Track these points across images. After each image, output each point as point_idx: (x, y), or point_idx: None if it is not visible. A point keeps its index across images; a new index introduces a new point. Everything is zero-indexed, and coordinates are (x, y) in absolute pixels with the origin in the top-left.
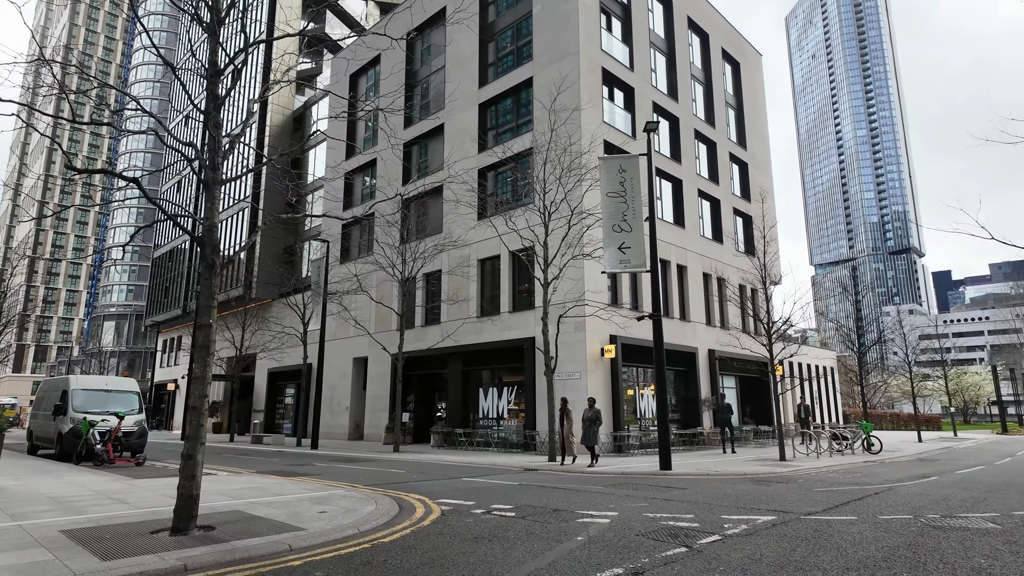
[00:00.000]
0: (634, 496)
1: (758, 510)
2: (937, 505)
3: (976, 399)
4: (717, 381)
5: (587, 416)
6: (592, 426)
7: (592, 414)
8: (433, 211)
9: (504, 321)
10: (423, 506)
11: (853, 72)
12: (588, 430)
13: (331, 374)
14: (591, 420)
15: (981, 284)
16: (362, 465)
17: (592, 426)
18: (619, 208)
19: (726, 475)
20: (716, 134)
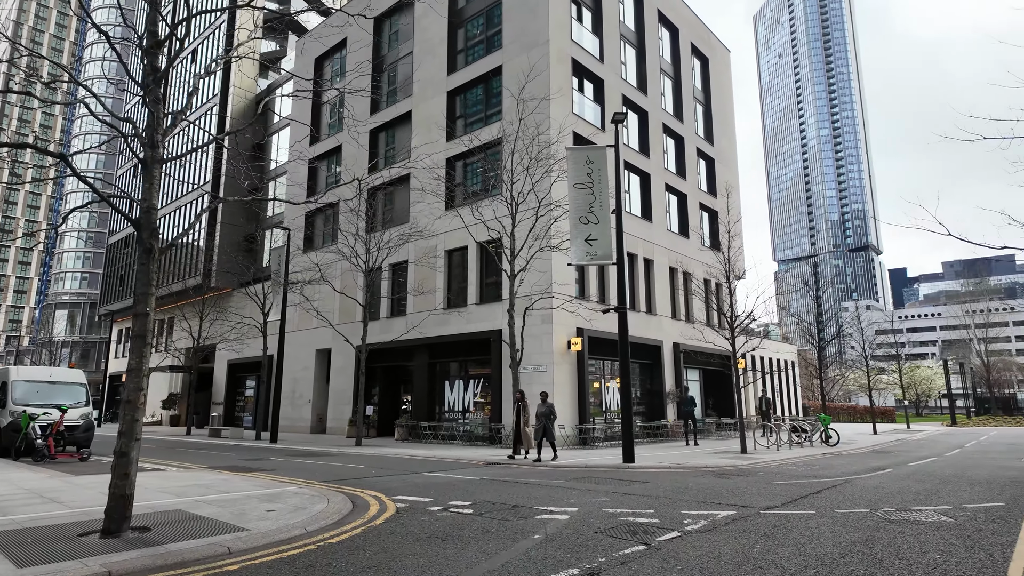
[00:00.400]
0: (595, 490)
1: (718, 504)
2: (892, 498)
3: (928, 392)
4: (681, 374)
5: (540, 411)
6: (547, 421)
7: (546, 409)
8: (400, 200)
9: (471, 313)
10: (378, 503)
11: (818, 72)
12: (541, 426)
13: (293, 366)
14: (545, 415)
15: (934, 281)
16: (321, 460)
17: (547, 421)
18: (586, 200)
19: (688, 468)
20: (684, 129)
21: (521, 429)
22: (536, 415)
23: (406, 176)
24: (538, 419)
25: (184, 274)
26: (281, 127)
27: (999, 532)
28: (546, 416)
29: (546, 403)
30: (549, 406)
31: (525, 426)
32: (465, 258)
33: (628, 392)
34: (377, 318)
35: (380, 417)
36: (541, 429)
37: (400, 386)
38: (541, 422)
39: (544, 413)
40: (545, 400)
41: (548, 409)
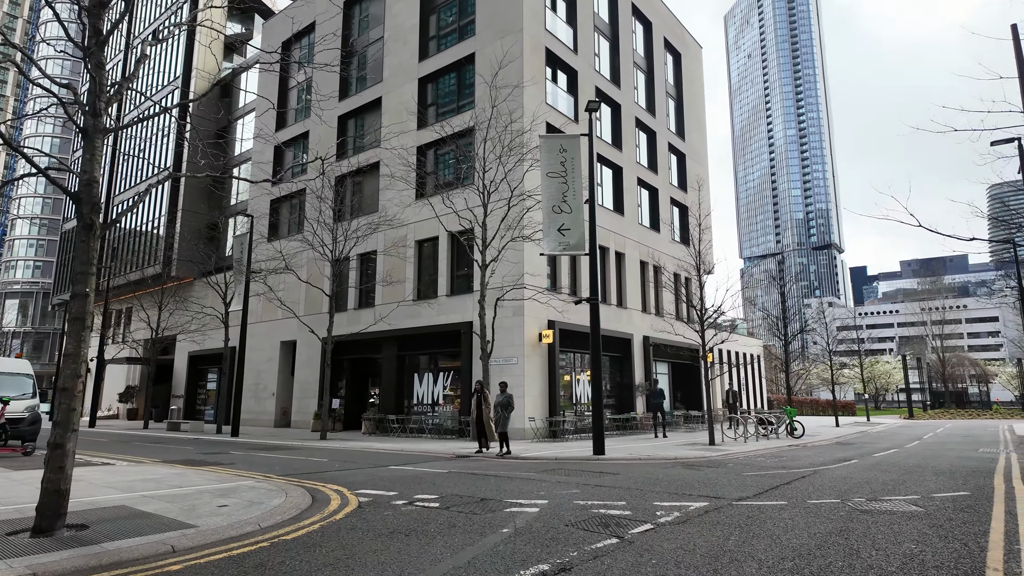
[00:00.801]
0: (566, 482)
1: (690, 496)
2: (861, 488)
3: (887, 386)
4: (651, 367)
5: (498, 401)
6: (503, 412)
7: (504, 399)
8: (369, 189)
9: (441, 305)
10: (339, 498)
11: (785, 73)
12: (499, 416)
13: (257, 358)
14: (502, 405)
15: (892, 280)
16: (283, 453)
17: (503, 412)
18: (559, 189)
19: (658, 460)
20: (656, 123)
21: (485, 422)
22: (494, 405)
23: (375, 164)
24: (495, 410)
25: (143, 263)
26: (246, 112)
27: (970, 522)
28: (503, 406)
29: (505, 393)
30: (508, 397)
31: (489, 420)
32: (436, 248)
33: (599, 384)
34: (344, 309)
35: (347, 411)
36: (502, 419)
37: (368, 379)
38: (499, 412)
39: (502, 403)
40: (504, 390)
41: (506, 400)
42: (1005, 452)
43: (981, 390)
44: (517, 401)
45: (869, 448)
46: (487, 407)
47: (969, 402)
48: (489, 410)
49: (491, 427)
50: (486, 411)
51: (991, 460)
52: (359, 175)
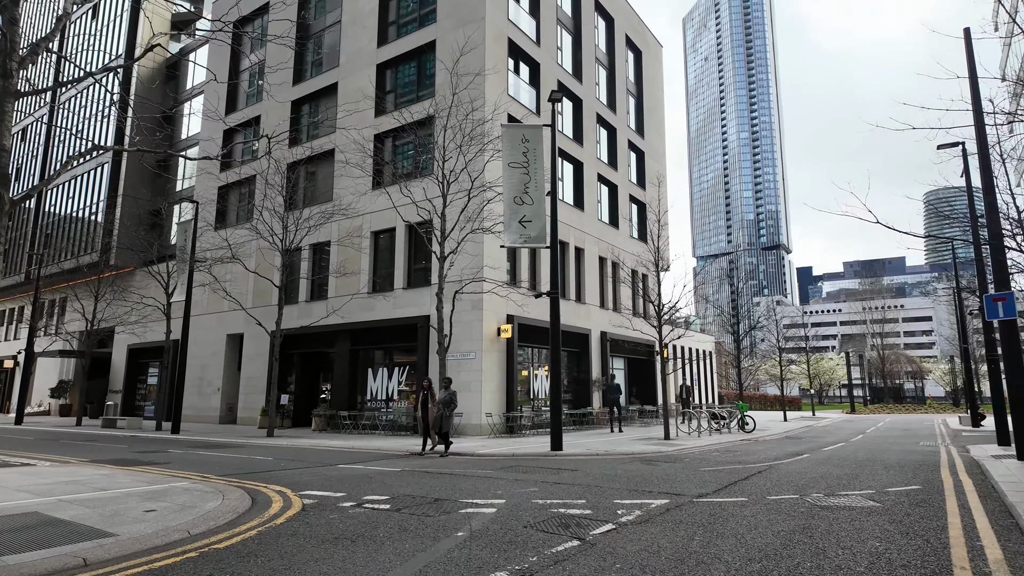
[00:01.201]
0: (524, 480)
1: (650, 493)
2: (817, 483)
3: (830, 382)
4: (608, 362)
5: (441, 399)
6: (445, 409)
7: (447, 396)
8: (323, 177)
9: (398, 298)
10: (282, 500)
11: (740, 77)
12: (440, 414)
13: (202, 352)
14: (444, 403)
15: (836, 280)
16: (225, 452)
17: (445, 409)
18: (521, 180)
19: (616, 455)
20: (617, 120)
21: (430, 420)
22: (437, 403)
23: (330, 151)
24: (437, 407)
25: (79, 250)
26: (194, 94)
27: (927, 516)
28: (445, 404)
29: (448, 390)
30: (451, 394)
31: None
32: (393, 240)
33: (558, 379)
34: (295, 302)
35: (297, 407)
36: (439, 418)
37: (319, 374)
38: (439, 410)
39: (444, 401)
40: (448, 387)
41: (449, 397)
42: (944, 446)
43: (916, 386)
44: (474, 397)
45: (818, 442)
46: (433, 404)
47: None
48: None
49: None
50: (432, 409)
51: (933, 453)
52: (313, 162)
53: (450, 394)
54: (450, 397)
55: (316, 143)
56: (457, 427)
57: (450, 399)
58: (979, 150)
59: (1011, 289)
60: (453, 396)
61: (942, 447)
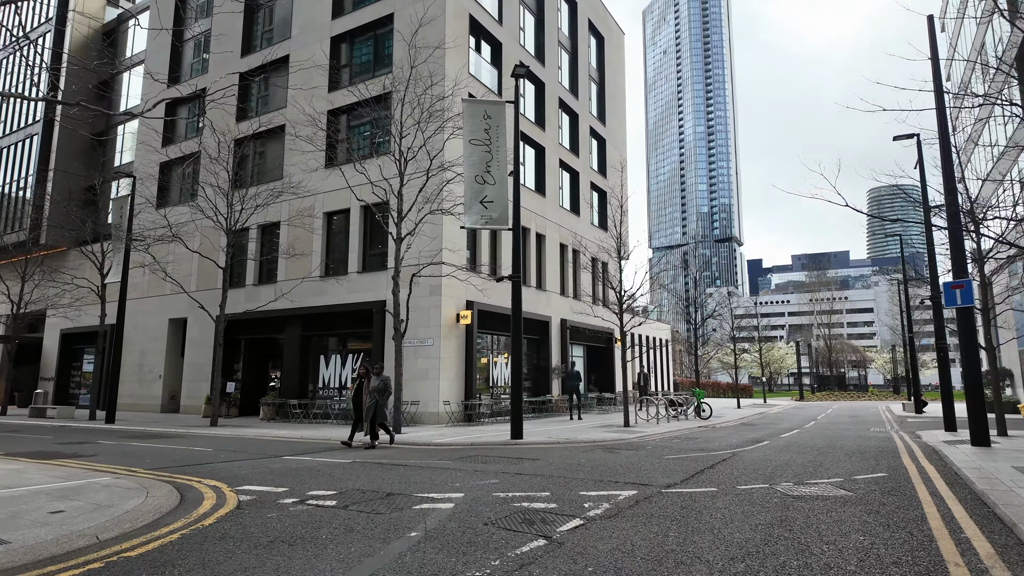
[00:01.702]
0: (483, 471)
1: (617, 483)
2: (784, 471)
3: (779, 370)
4: (567, 350)
5: (374, 387)
6: (380, 397)
7: (380, 383)
8: (273, 155)
9: (352, 282)
10: (215, 496)
11: (697, 71)
12: (375, 404)
13: (142, 337)
14: (379, 391)
15: (784, 272)
16: (162, 442)
17: (380, 397)
18: (482, 158)
19: (577, 443)
20: (579, 106)
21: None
22: (369, 391)
23: (281, 128)
24: (370, 395)
25: (4, 228)
26: (134, 64)
27: (903, 506)
28: (379, 392)
29: (381, 377)
30: (384, 380)
31: None
32: (347, 222)
33: (519, 366)
34: (243, 285)
35: (244, 395)
36: (373, 407)
37: (268, 361)
38: (372, 398)
39: (378, 389)
40: (380, 374)
41: (383, 384)
42: (895, 432)
43: (860, 374)
44: (431, 385)
45: (774, 429)
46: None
47: (849, 385)
48: None
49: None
50: (366, 398)
51: (888, 440)
52: (262, 139)
53: (383, 381)
54: (384, 384)
55: (265, 118)
56: (414, 415)
57: (384, 387)
58: (940, 132)
59: (969, 276)
60: (387, 383)
61: (894, 434)
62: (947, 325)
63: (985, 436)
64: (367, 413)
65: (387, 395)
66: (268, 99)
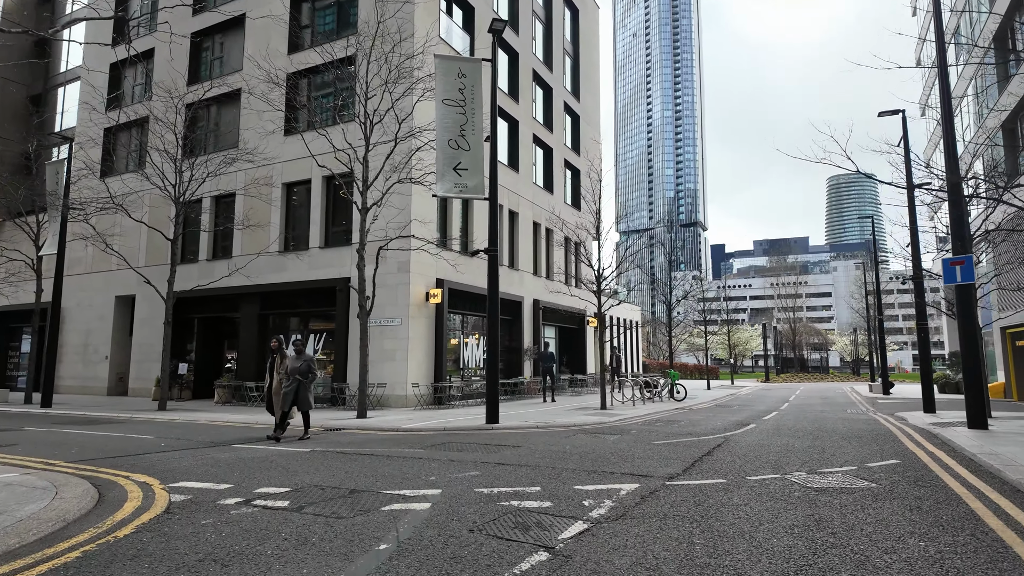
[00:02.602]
0: (461, 461)
1: (613, 475)
2: (788, 458)
3: (744, 352)
4: (540, 331)
5: (294, 367)
6: (303, 379)
7: (303, 364)
8: (228, 121)
9: (314, 258)
10: (142, 496)
11: (666, 56)
12: (290, 388)
13: (87, 315)
14: (300, 373)
15: (746, 257)
16: (99, 429)
17: (303, 379)
18: (457, 120)
19: (557, 427)
20: (553, 80)
21: (274, 392)
22: (287, 371)
23: (236, 93)
24: (289, 378)
25: None
26: (73, 21)
27: (942, 501)
28: (302, 374)
29: (303, 357)
30: (307, 361)
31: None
32: (308, 194)
33: (496, 346)
34: (195, 260)
35: (198, 377)
36: (292, 392)
37: (223, 341)
38: (292, 382)
39: (300, 371)
40: (301, 352)
41: (305, 365)
42: (876, 414)
43: (822, 356)
44: (399, 366)
45: (752, 411)
46: (282, 373)
47: (810, 367)
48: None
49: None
50: (277, 379)
51: (873, 422)
52: (217, 104)
53: (306, 361)
54: (307, 366)
55: (220, 81)
56: (380, 398)
57: (306, 368)
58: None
59: (971, 252)
60: (311, 363)
61: (877, 416)
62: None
63: (983, 419)
64: (284, 400)
65: (311, 379)
66: (223, 62)
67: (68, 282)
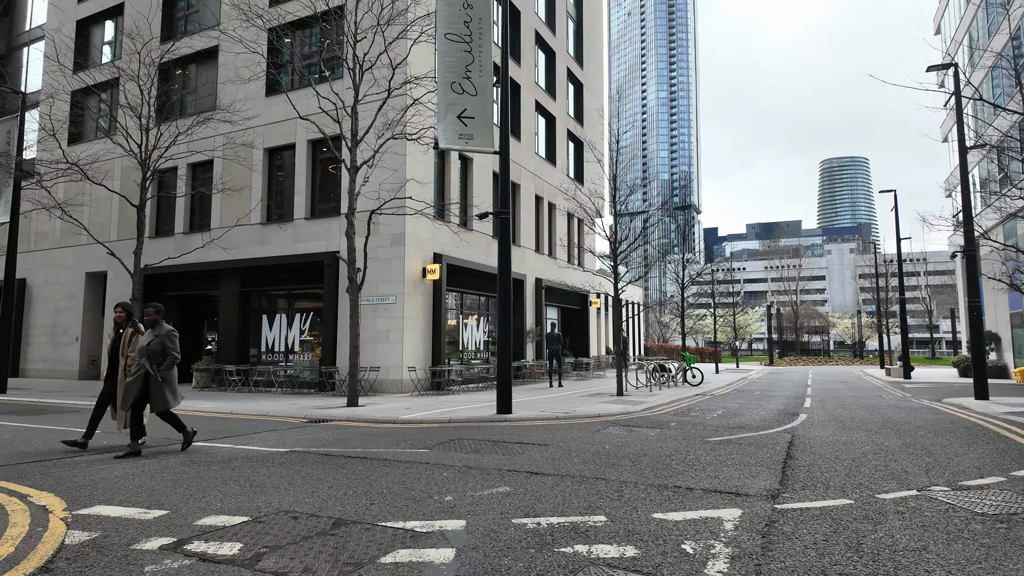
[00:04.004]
0: (482, 469)
1: (692, 492)
2: (897, 463)
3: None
4: (542, 311)
5: (144, 346)
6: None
7: (157, 342)
8: (205, 82)
9: (299, 229)
10: (26, 531)
11: (661, 35)
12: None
13: (55, 293)
14: (152, 354)
15: (738, 240)
16: (40, 421)
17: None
18: (462, 59)
19: (580, 418)
20: (556, 43)
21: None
22: (137, 350)
23: (213, 50)
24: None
25: None
26: None
27: None
28: (152, 357)
29: (159, 330)
30: (160, 337)
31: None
32: (292, 160)
33: (508, 324)
34: (171, 234)
35: None
36: (138, 384)
37: (204, 321)
38: (139, 369)
39: (149, 352)
40: (156, 324)
41: (158, 344)
42: (922, 400)
43: (823, 339)
44: (394, 348)
45: (780, 397)
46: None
47: (811, 350)
48: None
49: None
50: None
51: (935, 411)
52: (192, 64)
53: (159, 338)
54: (160, 344)
55: (196, 41)
56: (373, 383)
57: (160, 348)
58: None
59: None
60: (166, 341)
61: (930, 403)
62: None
63: None
64: (126, 396)
65: (168, 364)
66: (200, 15)
67: (34, 258)
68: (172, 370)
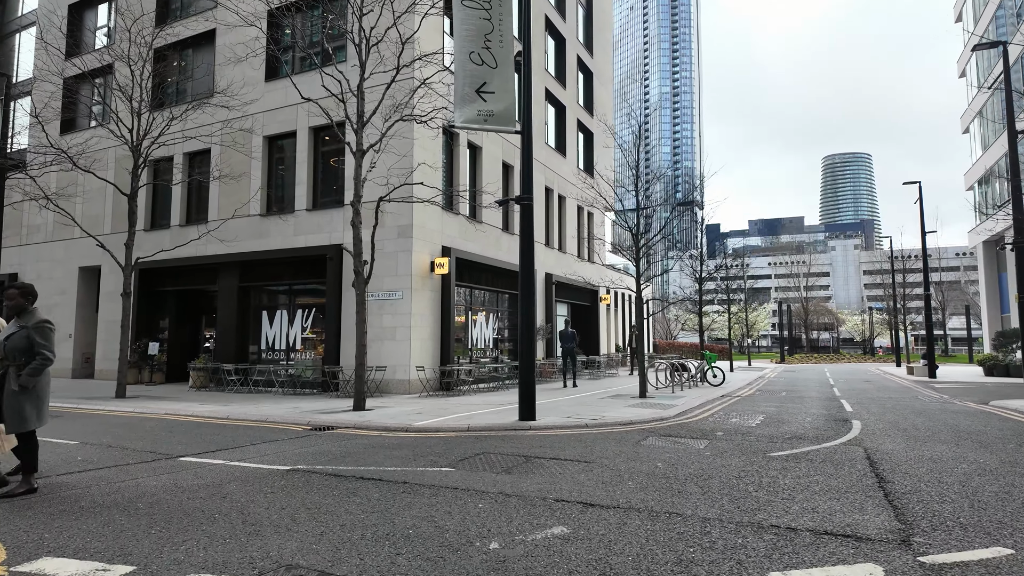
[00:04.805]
0: (522, 497)
1: (798, 535)
2: (1015, 487)
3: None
4: (552, 308)
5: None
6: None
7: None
8: (202, 68)
9: (300, 221)
10: None
11: (664, 29)
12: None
13: (47, 289)
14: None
15: (741, 237)
16: None
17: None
18: (480, 28)
19: (612, 426)
20: (566, 29)
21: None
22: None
23: (210, 33)
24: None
25: None
26: None
27: None
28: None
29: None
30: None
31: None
32: (293, 149)
33: (532, 322)
34: (167, 226)
35: (171, 357)
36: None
37: (202, 317)
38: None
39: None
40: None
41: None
42: (968, 402)
43: (832, 337)
44: (401, 347)
45: (812, 399)
46: None
47: (820, 347)
48: None
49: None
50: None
51: (998, 417)
52: (187, 48)
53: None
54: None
55: (192, 24)
56: (380, 384)
57: (25, 344)
58: None
59: None
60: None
61: (980, 407)
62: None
63: None
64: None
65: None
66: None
67: (26, 252)
68: (42, 375)
